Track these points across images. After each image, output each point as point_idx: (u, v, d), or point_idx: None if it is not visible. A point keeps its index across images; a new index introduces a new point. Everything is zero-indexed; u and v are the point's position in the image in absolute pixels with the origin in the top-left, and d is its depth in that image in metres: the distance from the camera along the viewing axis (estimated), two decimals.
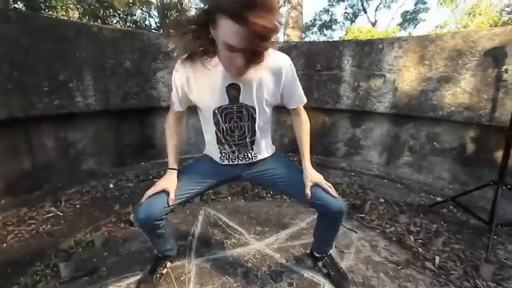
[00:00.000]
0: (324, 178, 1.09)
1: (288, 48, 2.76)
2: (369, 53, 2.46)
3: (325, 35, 17.20)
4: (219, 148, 1.08)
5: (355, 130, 2.77)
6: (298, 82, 1.02)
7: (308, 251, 1.43)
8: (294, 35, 7.24)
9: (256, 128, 1.02)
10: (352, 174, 2.64)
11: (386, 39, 2.43)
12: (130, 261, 1.38)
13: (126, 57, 2.22)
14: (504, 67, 1.88)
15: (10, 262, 1.33)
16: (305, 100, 1.09)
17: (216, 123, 1.00)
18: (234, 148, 1.06)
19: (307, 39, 16.66)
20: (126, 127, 2.45)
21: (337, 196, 1.04)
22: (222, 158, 1.10)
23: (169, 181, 1.05)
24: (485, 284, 1.30)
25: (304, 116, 1.13)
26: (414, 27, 16.75)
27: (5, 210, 1.68)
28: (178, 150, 1.15)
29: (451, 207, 2.02)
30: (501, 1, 10.18)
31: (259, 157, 1.13)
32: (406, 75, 2.32)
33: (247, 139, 1.05)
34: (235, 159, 1.10)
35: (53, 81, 1.83)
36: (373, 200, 2.11)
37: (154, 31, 9.82)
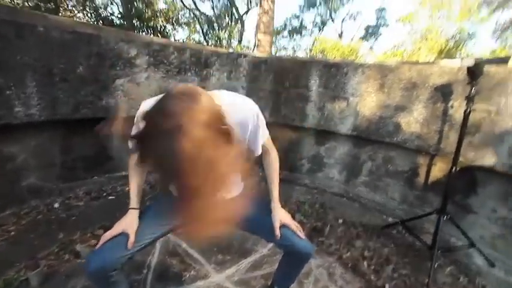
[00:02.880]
0: (289, 195, 1.11)
1: (258, 63, 2.74)
2: (335, 75, 2.54)
3: (294, 39, 17.61)
4: None
5: (319, 148, 2.86)
6: (263, 126, 0.98)
7: (269, 283, 1.43)
8: (265, 40, 7.28)
9: None
10: (315, 191, 2.71)
11: (351, 64, 2.53)
12: None
13: (79, 62, 1.99)
14: (450, 103, 2.07)
15: None
16: (267, 134, 1.05)
17: None
18: None
19: (277, 44, 16.90)
20: (77, 138, 2.21)
21: (303, 237, 1.04)
22: None
23: (130, 222, 0.97)
24: None
25: (273, 154, 1.10)
26: (375, 40, 17.99)
27: None
28: (141, 189, 1.07)
29: (400, 228, 2.18)
30: (448, 30, 11.48)
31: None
32: (367, 100, 2.45)
33: None
34: None
35: None
36: (332, 221, 2.19)
37: (116, 19, 9.09)
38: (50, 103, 1.90)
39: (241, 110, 0.88)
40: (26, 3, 7.00)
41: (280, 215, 1.06)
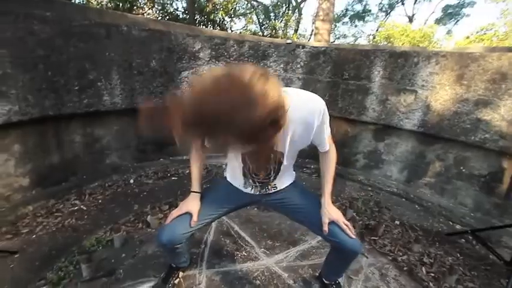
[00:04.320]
0: (341, 190, 1.09)
1: (316, 54, 2.67)
2: (402, 66, 2.32)
3: (356, 26, 16.38)
4: (243, 179, 1.09)
5: (377, 144, 2.68)
6: (327, 123, 0.97)
7: (317, 274, 1.44)
8: (323, 28, 6.97)
9: (282, 168, 1.03)
10: (369, 189, 2.58)
11: (422, 52, 2.27)
12: (146, 265, 1.46)
13: (153, 57, 2.24)
14: None
15: (38, 255, 1.45)
16: (329, 131, 1.02)
17: (243, 161, 1.01)
18: (257, 184, 1.08)
19: (336, 32, 15.96)
20: None
21: (353, 237, 1.03)
22: (245, 186, 1.12)
23: (193, 203, 1.09)
24: None
25: (332, 152, 1.08)
26: (456, 22, 15.53)
27: (35, 201, 1.81)
28: (202, 174, 1.18)
29: (470, 237, 1.94)
30: None
31: (280, 187, 1.13)
32: (440, 94, 2.18)
33: (272, 178, 1.06)
34: (257, 191, 1.11)
35: (83, 81, 1.89)
36: (388, 221, 2.07)
37: (180, 13, 9.77)
38: (129, 93, 2.20)
39: (307, 106, 0.88)
40: (109, 4, 8.01)
41: (330, 211, 1.05)
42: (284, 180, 1.13)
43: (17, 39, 1.56)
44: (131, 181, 2.29)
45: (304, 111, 0.87)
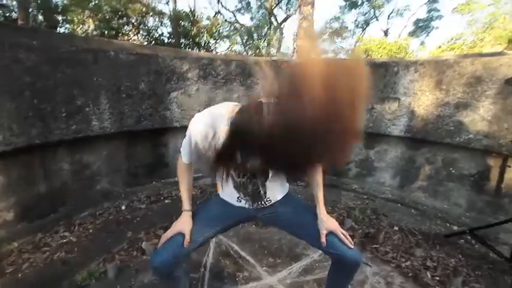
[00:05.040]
0: (337, 201, 1.07)
1: None
2: (384, 75, 2.43)
3: (335, 42, 17.15)
4: (234, 193, 1.07)
5: (368, 151, 2.73)
6: None
7: None
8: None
9: (269, 181, 1.02)
10: (365, 197, 2.58)
11: (401, 62, 2.39)
12: None
13: (141, 80, 2.25)
14: None
15: None
16: None
17: (231, 176, 1.00)
18: (248, 197, 1.06)
19: None
20: (138, 147, 2.47)
21: (352, 247, 1.01)
22: (238, 200, 1.10)
23: (184, 223, 1.05)
24: None
25: None
26: (427, 35, 16.56)
27: (21, 237, 1.70)
28: (191, 192, 1.15)
29: (469, 237, 1.95)
30: None
31: (273, 200, 1.11)
32: (422, 99, 2.28)
33: (261, 192, 1.04)
34: (250, 205, 1.09)
35: (70, 107, 1.86)
36: (387, 228, 2.06)
37: (165, 38, 9.99)
38: (118, 117, 2.17)
39: None
40: (94, 31, 8.11)
41: (327, 221, 1.03)
42: (277, 192, 1.11)
43: (2, 67, 1.54)
44: (123, 207, 2.21)
45: None
